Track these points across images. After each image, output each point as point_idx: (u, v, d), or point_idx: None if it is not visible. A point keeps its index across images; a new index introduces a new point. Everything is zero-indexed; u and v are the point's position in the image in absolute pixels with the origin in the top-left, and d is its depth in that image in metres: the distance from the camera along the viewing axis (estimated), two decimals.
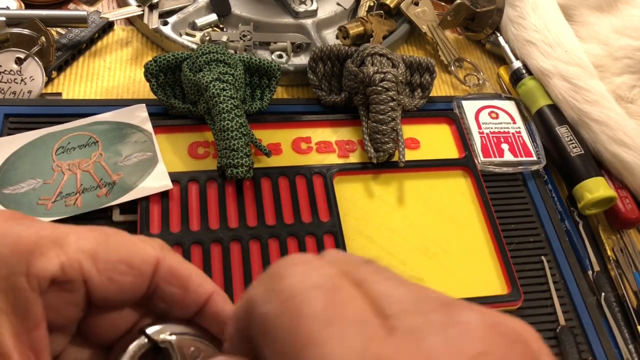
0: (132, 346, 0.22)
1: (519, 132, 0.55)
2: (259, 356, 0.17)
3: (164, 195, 0.44)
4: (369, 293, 0.17)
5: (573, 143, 0.53)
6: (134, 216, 0.43)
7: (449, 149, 0.52)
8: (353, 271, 0.18)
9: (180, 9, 0.58)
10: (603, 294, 0.48)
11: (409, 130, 0.52)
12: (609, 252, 0.51)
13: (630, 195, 0.53)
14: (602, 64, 0.58)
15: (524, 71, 0.59)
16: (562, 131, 0.54)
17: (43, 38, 0.51)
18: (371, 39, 0.59)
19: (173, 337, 0.23)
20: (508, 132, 0.54)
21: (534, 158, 0.53)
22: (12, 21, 0.51)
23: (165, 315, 0.24)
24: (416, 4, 0.64)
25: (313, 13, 0.61)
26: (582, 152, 0.53)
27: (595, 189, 0.51)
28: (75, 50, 0.54)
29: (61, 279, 0.21)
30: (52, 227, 0.22)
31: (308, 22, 0.60)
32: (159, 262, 0.23)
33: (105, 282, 0.22)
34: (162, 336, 0.23)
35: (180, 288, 0.23)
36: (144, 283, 0.23)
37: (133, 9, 0.57)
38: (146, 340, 0.23)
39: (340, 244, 0.44)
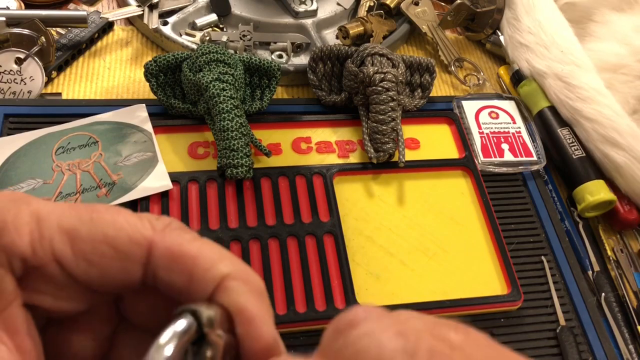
0: (175, 327, 0.18)
1: (519, 132, 0.54)
2: None
3: (164, 196, 0.44)
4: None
5: (574, 145, 0.53)
6: None
7: (449, 149, 0.52)
8: (439, 333, 0.17)
9: (180, 9, 0.58)
10: (603, 294, 0.48)
11: (409, 130, 0.52)
12: (609, 252, 0.51)
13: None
14: (625, 64, 0.56)
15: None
16: (563, 133, 0.54)
17: (43, 38, 0.51)
18: (371, 39, 0.59)
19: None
20: (508, 132, 0.54)
21: (534, 158, 0.53)
22: (12, 21, 0.51)
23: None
24: (416, 4, 0.64)
25: (313, 13, 0.61)
26: (583, 154, 0.53)
27: (597, 191, 0.51)
28: (75, 50, 0.54)
29: (33, 262, 0.18)
30: (35, 200, 0.19)
31: (308, 22, 0.60)
32: (154, 244, 0.19)
33: (82, 265, 0.19)
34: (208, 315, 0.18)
35: (182, 275, 0.19)
36: (135, 269, 0.19)
37: (133, 9, 0.57)
38: (193, 320, 0.18)
39: (340, 244, 0.44)
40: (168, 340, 0.17)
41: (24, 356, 0.18)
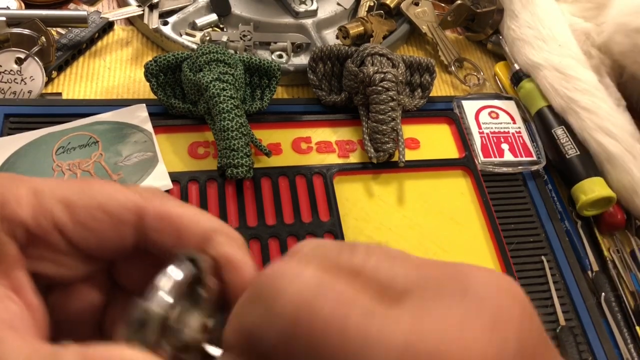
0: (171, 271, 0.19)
1: (519, 132, 0.55)
2: None
3: None
4: (372, 280, 0.17)
5: (569, 144, 0.53)
6: None
7: (449, 149, 0.52)
8: (342, 261, 0.18)
9: (180, 9, 0.58)
10: (603, 294, 0.48)
11: (409, 130, 0.52)
12: (606, 253, 0.51)
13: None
14: None
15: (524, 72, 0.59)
16: (558, 133, 0.54)
17: (43, 38, 0.51)
18: (371, 39, 0.59)
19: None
20: (508, 132, 0.54)
21: (534, 158, 0.53)
22: (12, 21, 0.51)
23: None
24: (416, 4, 0.64)
25: (313, 13, 0.61)
26: (578, 152, 0.53)
27: (590, 190, 0.50)
28: (75, 50, 0.54)
29: (36, 231, 0.20)
30: (31, 178, 0.21)
31: (308, 22, 0.60)
32: (143, 209, 0.21)
33: (81, 230, 0.21)
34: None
35: (171, 235, 0.21)
36: (128, 232, 0.21)
37: (133, 9, 0.57)
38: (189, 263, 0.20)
39: None
40: (170, 275, 0.19)
41: (32, 313, 0.20)
